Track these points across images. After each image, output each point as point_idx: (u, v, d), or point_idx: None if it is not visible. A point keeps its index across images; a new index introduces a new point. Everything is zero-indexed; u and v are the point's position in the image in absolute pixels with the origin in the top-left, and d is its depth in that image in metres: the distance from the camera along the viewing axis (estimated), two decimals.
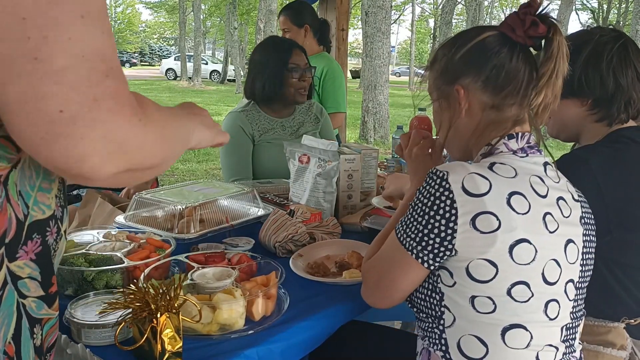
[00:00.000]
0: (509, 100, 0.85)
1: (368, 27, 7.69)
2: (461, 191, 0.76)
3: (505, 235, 0.76)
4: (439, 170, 0.79)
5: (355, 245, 1.24)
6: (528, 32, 0.82)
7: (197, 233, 1.21)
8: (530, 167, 0.83)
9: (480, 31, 0.86)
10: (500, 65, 0.83)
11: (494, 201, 0.76)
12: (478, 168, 0.80)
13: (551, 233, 0.80)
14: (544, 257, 0.79)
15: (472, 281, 0.78)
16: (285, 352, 0.88)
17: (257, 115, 1.90)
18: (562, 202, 0.84)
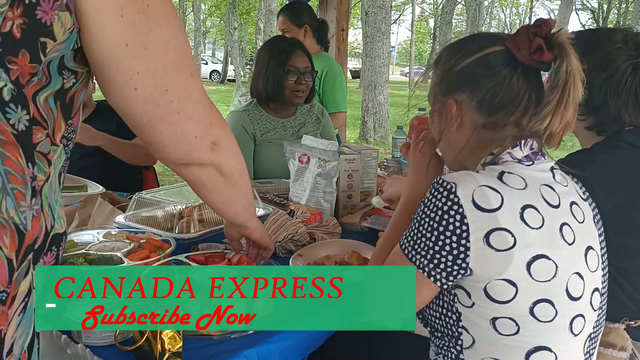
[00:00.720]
0: (503, 121, 0.80)
1: (368, 27, 7.69)
2: (472, 206, 0.72)
3: (521, 252, 0.72)
4: (446, 182, 0.74)
5: (355, 245, 1.24)
6: (533, 56, 0.76)
7: (197, 233, 1.21)
8: (538, 176, 0.79)
9: (486, 44, 0.80)
10: (497, 87, 0.78)
11: (507, 216, 0.72)
12: (487, 179, 0.75)
13: (570, 245, 0.76)
14: (566, 272, 0.75)
15: (492, 302, 0.74)
16: (285, 352, 0.88)
17: (258, 115, 1.91)
18: (575, 207, 0.80)
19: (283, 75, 1.83)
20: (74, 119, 0.57)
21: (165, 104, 0.59)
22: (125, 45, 0.54)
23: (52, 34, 0.49)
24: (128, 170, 2.25)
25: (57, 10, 0.49)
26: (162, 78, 0.58)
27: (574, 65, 0.74)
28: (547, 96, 0.75)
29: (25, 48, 0.48)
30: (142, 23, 0.54)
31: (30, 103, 0.50)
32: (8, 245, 0.47)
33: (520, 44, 0.76)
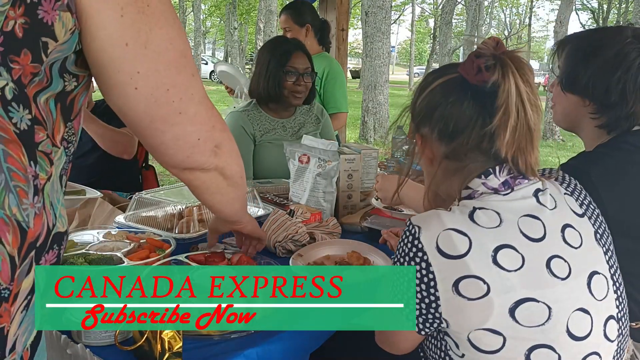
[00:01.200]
0: (463, 148, 0.76)
1: (368, 27, 7.69)
2: (436, 252, 0.68)
3: (499, 298, 0.66)
4: (412, 225, 0.71)
5: (355, 245, 1.24)
6: (476, 77, 0.72)
7: (197, 233, 1.21)
8: (517, 207, 0.72)
9: (441, 74, 0.79)
10: (449, 115, 0.76)
11: (477, 261, 0.66)
12: (456, 220, 0.70)
13: (564, 279, 0.69)
14: (564, 311, 0.69)
15: (481, 352, 0.69)
16: (285, 352, 0.88)
17: (258, 115, 1.91)
18: (569, 231, 0.74)
19: (282, 75, 1.83)
20: (74, 121, 0.57)
21: (167, 104, 0.59)
22: (126, 44, 0.53)
23: (54, 34, 0.49)
24: (128, 170, 2.25)
25: (58, 11, 0.49)
26: (163, 78, 0.57)
27: (513, 85, 0.69)
28: (493, 118, 0.71)
29: (27, 47, 0.48)
30: (142, 23, 0.54)
31: (31, 103, 0.50)
32: (10, 242, 0.47)
33: (467, 66, 0.73)
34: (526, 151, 0.72)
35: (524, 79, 0.71)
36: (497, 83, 0.70)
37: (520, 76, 0.70)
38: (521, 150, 0.72)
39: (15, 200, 0.48)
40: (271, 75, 1.84)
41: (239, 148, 0.76)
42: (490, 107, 0.72)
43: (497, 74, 0.70)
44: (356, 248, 1.21)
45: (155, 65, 0.56)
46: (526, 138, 0.71)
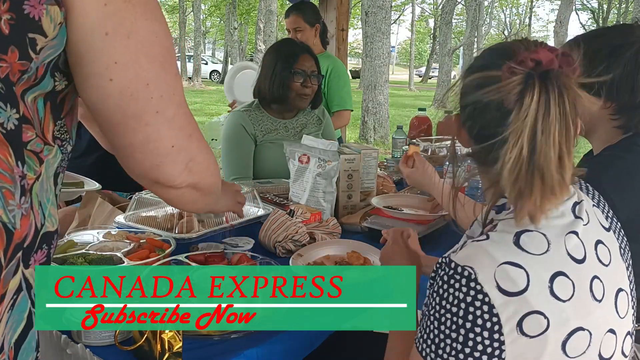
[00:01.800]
0: (490, 156, 0.67)
1: (368, 27, 7.69)
2: (497, 292, 0.61)
3: (556, 333, 0.62)
4: (461, 267, 0.62)
5: (355, 245, 1.24)
6: (506, 89, 0.63)
7: (196, 233, 1.21)
8: (560, 224, 0.67)
9: (488, 63, 0.69)
10: (476, 117, 0.70)
11: (537, 296, 0.61)
12: (505, 251, 0.63)
13: (600, 302, 0.66)
14: (599, 335, 0.66)
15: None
16: (285, 352, 0.88)
17: (260, 115, 1.90)
18: (601, 248, 0.70)
19: (289, 77, 1.82)
20: (65, 119, 0.56)
21: (145, 99, 0.54)
22: (105, 34, 0.50)
23: (42, 30, 0.48)
24: None
25: (45, 4, 0.47)
26: (143, 70, 0.53)
27: (531, 115, 0.61)
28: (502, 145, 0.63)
29: (14, 44, 0.47)
30: (127, 12, 0.51)
31: (19, 101, 0.49)
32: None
33: (506, 72, 0.63)
34: (524, 196, 0.63)
35: (554, 111, 0.60)
36: (513, 109, 0.62)
37: (549, 107, 0.60)
38: (522, 194, 0.63)
39: (0, 202, 0.47)
40: (277, 77, 1.83)
41: (238, 147, 0.74)
42: (504, 133, 0.63)
43: (517, 100, 0.61)
44: (356, 248, 1.21)
45: (137, 57, 0.52)
46: (526, 178, 0.62)
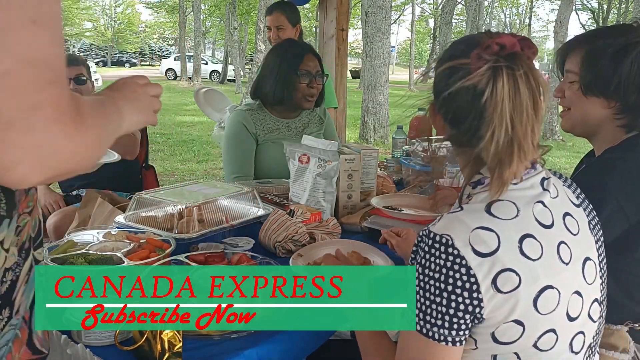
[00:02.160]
0: (464, 138, 0.75)
1: (368, 27, 7.69)
2: (473, 254, 0.67)
3: (527, 289, 0.68)
4: (438, 235, 0.69)
5: (355, 245, 1.24)
6: (474, 76, 0.70)
7: (196, 233, 1.21)
8: (529, 194, 0.74)
9: (456, 53, 0.75)
10: (450, 103, 0.76)
11: (508, 255, 0.68)
12: (477, 218, 0.70)
13: (567, 265, 0.73)
14: (566, 295, 0.72)
15: (497, 344, 0.71)
16: (285, 352, 0.88)
17: (262, 114, 1.89)
18: (569, 219, 0.77)
19: (295, 78, 1.80)
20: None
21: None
22: None
23: None
24: (128, 170, 2.25)
25: None
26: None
27: (504, 99, 0.68)
28: (481, 126, 0.71)
29: None
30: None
31: None
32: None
33: (474, 60, 0.71)
34: (503, 165, 0.70)
35: (521, 90, 0.68)
36: (486, 94, 0.69)
37: (518, 87, 0.68)
38: (503, 163, 0.70)
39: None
40: (282, 79, 1.80)
41: (239, 145, 0.71)
42: (481, 114, 0.71)
43: (489, 85, 0.69)
44: (356, 248, 1.21)
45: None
46: (510, 153, 0.70)
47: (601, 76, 1.03)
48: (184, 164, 6.06)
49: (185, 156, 6.47)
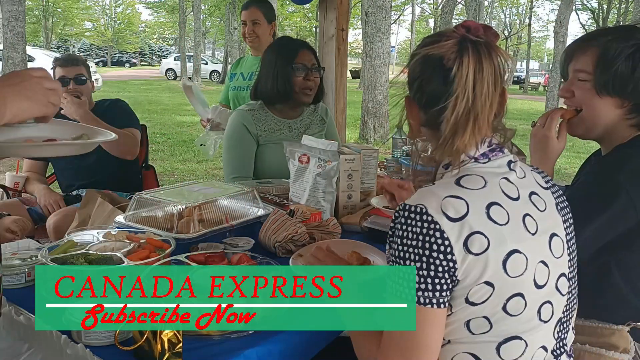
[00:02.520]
0: (437, 119, 0.80)
1: (368, 27, 7.69)
2: (445, 219, 0.73)
3: (496, 251, 0.74)
4: (414, 206, 0.75)
5: (355, 245, 1.24)
6: (445, 60, 0.77)
7: (196, 233, 1.21)
8: (495, 171, 0.80)
9: (429, 44, 0.82)
10: (424, 88, 0.82)
11: (477, 219, 0.74)
12: (447, 189, 0.77)
13: (533, 235, 0.78)
14: (533, 262, 0.77)
15: (470, 306, 0.75)
16: (284, 353, 0.88)
17: (264, 115, 1.89)
18: (535, 197, 0.83)
19: (291, 72, 1.81)
20: None
21: None
22: None
23: None
24: (128, 170, 2.25)
25: None
26: None
27: (469, 73, 0.75)
28: (449, 99, 0.76)
29: None
30: None
31: None
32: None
33: (444, 47, 0.78)
34: (458, 136, 0.77)
35: (484, 67, 0.75)
36: (454, 68, 0.76)
37: (482, 64, 0.75)
38: (457, 134, 0.77)
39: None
40: (279, 74, 1.81)
41: (239, 146, 0.71)
42: (450, 88, 0.77)
43: (456, 60, 0.76)
44: (356, 248, 1.21)
45: None
46: (465, 124, 0.77)
47: (619, 77, 1.03)
48: (184, 164, 6.06)
49: (185, 156, 6.47)
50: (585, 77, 1.08)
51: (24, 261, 1.06)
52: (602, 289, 1.08)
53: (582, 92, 1.09)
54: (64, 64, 2.11)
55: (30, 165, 2.25)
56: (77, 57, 2.26)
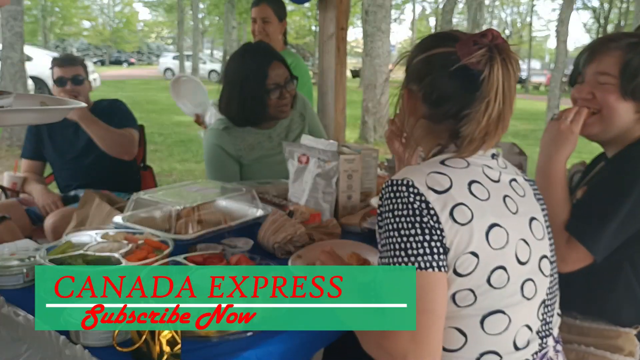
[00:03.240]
0: (442, 116, 0.86)
1: (368, 26, 7.68)
2: (430, 191, 0.78)
3: (479, 222, 0.78)
4: (400, 180, 0.79)
5: (355, 246, 1.23)
6: (469, 61, 0.81)
7: (195, 234, 1.21)
8: (478, 160, 0.86)
9: (442, 42, 0.86)
10: (436, 85, 0.85)
11: (460, 192, 0.79)
12: (432, 167, 0.82)
13: (514, 214, 0.83)
14: (514, 238, 0.81)
15: (457, 277, 0.78)
16: (284, 354, 0.88)
17: (240, 131, 1.73)
18: (515, 184, 0.88)
19: (263, 95, 1.64)
20: None
21: None
22: None
23: None
24: (126, 170, 2.25)
25: None
26: None
27: (501, 79, 0.79)
28: (473, 102, 0.81)
29: None
30: None
31: None
32: None
33: (464, 48, 0.82)
34: (489, 136, 0.83)
35: (510, 73, 0.81)
36: (484, 73, 0.80)
37: (508, 71, 0.81)
38: (489, 134, 0.83)
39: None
40: (247, 99, 1.64)
41: (221, 171, 0.67)
42: (473, 93, 0.81)
43: (487, 66, 0.80)
44: (356, 249, 1.21)
45: None
46: (496, 125, 0.82)
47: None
48: (182, 164, 6.05)
49: (184, 156, 6.45)
50: (609, 80, 1.07)
51: (22, 262, 1.06)
52: (614, 287, 1.07)
53: (604, 95, 1.08)
54: (62, 64, 2.11)
55: (28, 165, 2.25)
56: (75, 57, 2.25)
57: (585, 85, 1.11)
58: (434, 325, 0.75)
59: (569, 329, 1.12)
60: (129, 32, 37.54)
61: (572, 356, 1.09)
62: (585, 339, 1.09)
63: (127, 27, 37.23)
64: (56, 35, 32.74)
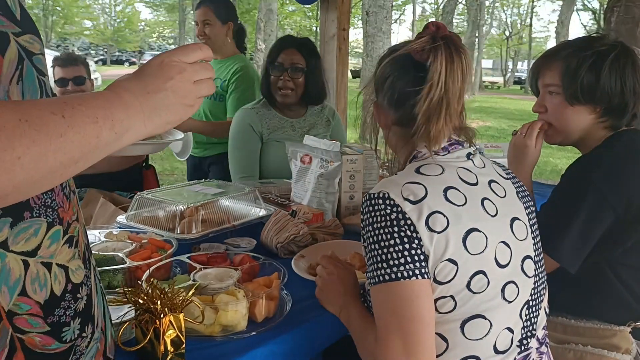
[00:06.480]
0: (408, 116, 0.86)
1: (369, 27, 7.69)
2: (406, 202, 0.78)
3: (455, 228, 0.77)
4: (377, 193, 0.80)
5: (357, 246, 1.24)
6: (417, 56, 0.83)
7: (198, 233, 1.21)
8: (453, 162, 0.85)
9: (397, 48, 0.88)
10: (395, 85, 0.87)
11: (435, 200, 0.78)
12: (407, 177, 0.82)
13: (493, 217, 0.82)
14: (493, 242, 0.81)
15: (437, 284, 0.77)
16: (288, 353, 0.88)
17: (267, 113, 1.89)
18: (495, 185, 0.87)
19: (268, 69, 1.82)
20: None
21: None
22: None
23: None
24: (128, 170, 2.25)
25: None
26: None
27: (443, 65, 0.80)
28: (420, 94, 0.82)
29: None
30: None
31: None
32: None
33: (413, 45, 0.84)
34: (432, 121, 0.83)
35: (455, 63, 0.81)
36: (429, 60, 0.81)
37: (453, 60, 0.81)
38: (432, 119, 0.82)
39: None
40: (264, 75, 1.86)
41: (245, 145, 0.70)
42: (423, 80, 0.82)
43: (431, 54, 0.81)
44: (358, 249, 1.21)
45: None
46: (439, 110, 0.82)
47: (586, 85, 1.10)
48: (183, 163, 6.04)
49: None
50: (555, 89, 1.15)
51: None
52: (598, 289, 1.10)
53: (554, 105, 1.16)
54: (63, 64, 2.11)
55: None
56: (76, 56, 2.25)
57: (539, 99, 1.20)
58: (424, 332, 0.75)
59: (565, 330, 1.14)
60: (131, 31, 37.57)
61: (570, 356, 1.11)
62: (582, 339, 1.10)
63: (129, 27, 37.25)
64: (57, 35, 32.77)
